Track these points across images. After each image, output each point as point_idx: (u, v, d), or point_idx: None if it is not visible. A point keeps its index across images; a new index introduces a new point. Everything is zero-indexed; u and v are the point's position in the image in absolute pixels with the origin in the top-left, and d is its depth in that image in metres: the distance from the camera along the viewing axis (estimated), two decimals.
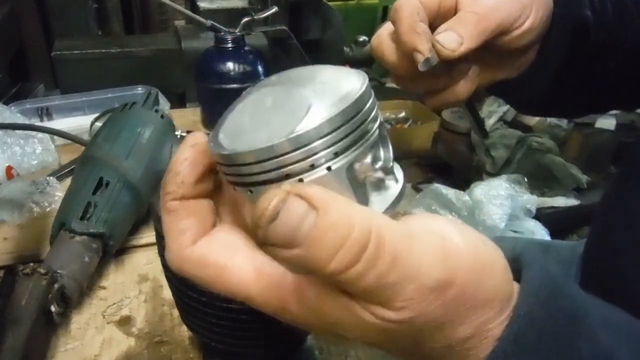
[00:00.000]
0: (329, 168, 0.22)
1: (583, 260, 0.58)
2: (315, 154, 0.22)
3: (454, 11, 0.44)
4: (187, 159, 0.27)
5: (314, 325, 0.25)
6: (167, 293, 0.61)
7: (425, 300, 0.22)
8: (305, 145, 0.22)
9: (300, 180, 0.22)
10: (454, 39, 0.40)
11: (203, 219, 0.27)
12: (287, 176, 0.22)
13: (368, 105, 0.23)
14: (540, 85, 0.52)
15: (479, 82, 0.49)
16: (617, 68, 0.55)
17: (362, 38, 1.33)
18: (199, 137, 0.28)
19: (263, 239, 0.21)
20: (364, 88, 0.23)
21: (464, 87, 0.47)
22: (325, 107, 0.22)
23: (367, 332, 0.23)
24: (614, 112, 1.06)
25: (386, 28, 0.46)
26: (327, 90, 0.24)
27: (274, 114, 0.24)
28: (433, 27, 0.43)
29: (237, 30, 1.01)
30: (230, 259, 0.25)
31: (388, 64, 0.46)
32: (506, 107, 1.19)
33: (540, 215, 0.95)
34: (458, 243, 0.23)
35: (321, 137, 0.22)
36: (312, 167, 0.22)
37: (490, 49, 0.45)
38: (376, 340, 0.24)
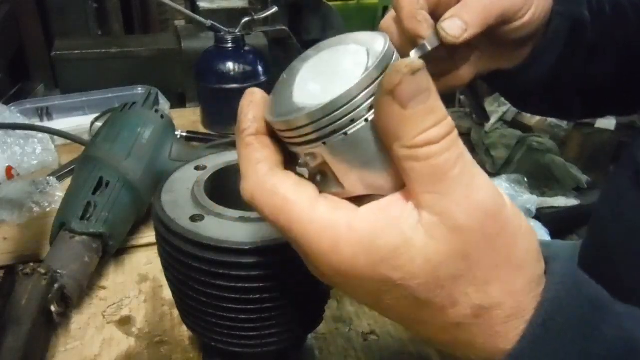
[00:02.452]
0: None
1: (580, 260, 0.58)
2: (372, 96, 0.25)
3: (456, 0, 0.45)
4: (252, 101, 0.30)
5: (360, 267, 0.26)
6: (167, 293, 0.62)
7: (479, 220, 0.24)
8: (367, 87, 0.25)
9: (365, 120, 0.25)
10: (459, 25, 0.42)
11: (275, 152, 0.29)
12: (352, 121, 0.25)
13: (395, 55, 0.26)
14: (536, 79, 0.54)
15: (479, 70, 0.50)
16: (615, 71, 0.56)
17: None
18: (256, 90, 0.31)
19: (396, 83, 0.23)
20: (388, 43, 0.26)
21: (466, 71, 0.49)
22: (370, 59, 0.25)
23: (414, 265, 0.25)
24: None
25: (392, 14, 0.47)
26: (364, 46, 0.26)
27: (331, 72, 0.27)
28: (436, 14, 0.44)
29: (237, 30, 1.01)
30: (297, 195, 0.27)
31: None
32: (506, 107, 1.20)
33: (540, 215, 0.95)
34: (508, 201, 0.26)
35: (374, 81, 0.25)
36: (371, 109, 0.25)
37: (491, 38, 0.47)
38: (417, 285, 0.25)
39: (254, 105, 0.30)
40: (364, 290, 0.28)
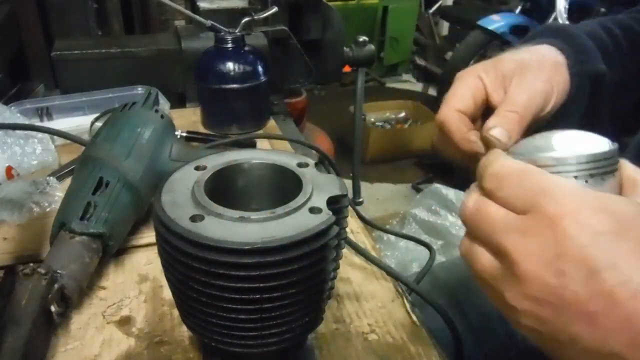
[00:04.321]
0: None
1: None
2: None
3: (485, 103, 0.51)
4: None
5: None
6: (167, 293, 0.62)
7: None
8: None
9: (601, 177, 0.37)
10: (504, 134, 0.48)
11: None
12: (591, 175, 0.37)
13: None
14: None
15: None
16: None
17: (362, 38, 1.32)
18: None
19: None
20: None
21: None
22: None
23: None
24: None
25: (439, 134, 0.53)
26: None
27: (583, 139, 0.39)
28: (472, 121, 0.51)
29: (237, 30, 1.01)
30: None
31: (448, 159, 0.56)
32: None
33: None
34: None
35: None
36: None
37: None
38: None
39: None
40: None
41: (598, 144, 0.38)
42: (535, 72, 0.51)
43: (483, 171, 0.37)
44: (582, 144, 0.38)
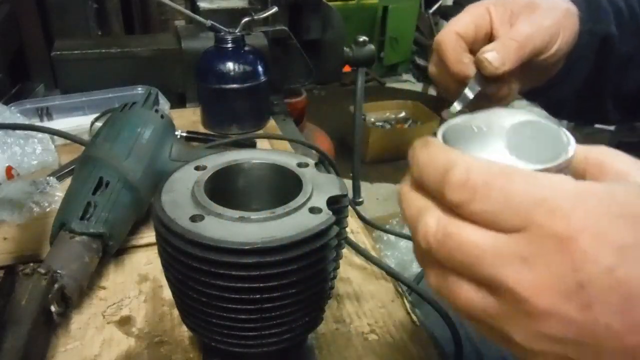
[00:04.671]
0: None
1: None
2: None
3: (489, 37, 0.50)
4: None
5: None
6: (167, 293, 0.61)
7: None
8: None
9: None
10: (498, 59, 0.46)
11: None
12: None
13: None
14: (569, 91, 0.58)
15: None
16: None
17: (362, 38, 1.32)
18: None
19: None
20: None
21: (506, 97, 0.54)
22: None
23: None
24: None
25: (434, 58, 0.52)
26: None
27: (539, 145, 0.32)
28: (472, 53, 0.49)
29: (237, 30, 1.01)
30: None
31: (442, 88, 0.53)
32: None
33: None
34: None
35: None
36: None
37: (523, 67, 0.51)
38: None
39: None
40: None
41: (557, 136, 0.31)
42: (545, 12, 0.50)
43: (442, 179, 0.27)
44: (542, 134, 0.32)
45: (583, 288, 0.24)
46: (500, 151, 0.31)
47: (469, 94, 0.47)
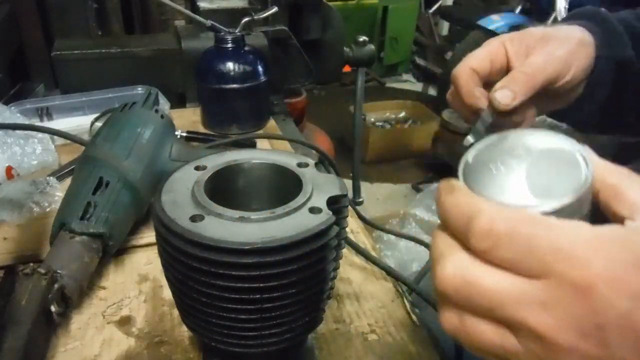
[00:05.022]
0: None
1: None
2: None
3: (506, 68, 0.52)
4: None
5: None
6: (167, 293, 0.62)
7: None
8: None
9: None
10: (508, 95, 0.48)
11: None
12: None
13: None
14: (591, 113, 0.59)
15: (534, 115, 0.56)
16: None
17: (362, 38, 1.32)
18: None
19: None
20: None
21: (525, 125, 0.55)
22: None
23: None
24: None
25: (451, 90, 0.54)
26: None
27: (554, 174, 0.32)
28: (488, 85, 0.51)
29: (237, 30, 1.01)
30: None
31: (459, 114, 0.55)
32: None
33: None
34: None
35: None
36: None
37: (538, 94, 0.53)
38: None
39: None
40: None
41: (574, 162, 0.31)
42: (558, 43, 0.51)
43: (467, 227, 0.29)
44: (565, 170, 0.31)
45: (601, 329, 0.26)
46: (520, 192, 0.31)
47: (481, 127, 0.50)
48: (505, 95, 0.48)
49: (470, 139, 0.50)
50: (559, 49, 0.51)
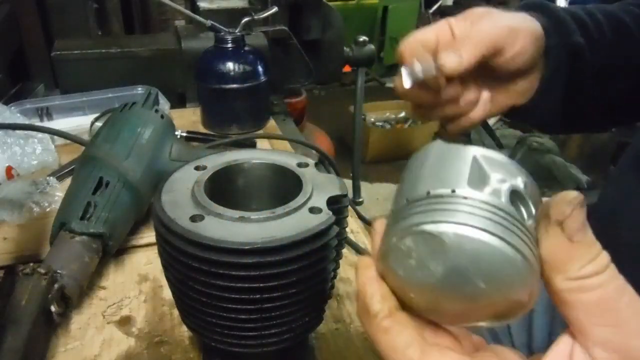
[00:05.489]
0: None
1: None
2: None
3: (452, 45, 0.51)
4: (372, 277, 0.28)
5: None
6: (167, 293, 0.61)
7: None
8: None
9: None
10: (454, 58, 0.48)
11: (418, 326, 0.27)
12: None
13: None
14: (552, 108, 0.59)
15: (491, 109, 0.56)
16: (631, 87, 0.59)
17: (362, 38, 1.32)
18: (368, 261, 0.29)
19: (567, 215, 0.24)
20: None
21: (477, 114, 0.55)
22: None
23: None
24: None
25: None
26: None
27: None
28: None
29: (237, 30, 1.01)
30: None
31: (407, 97, 0.54)
32: None
33: None
34: None
35: None
36: None
37: (492, 74, 0.52)
38: None
39: (375, 281, 0.28)
40: None
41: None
42: (501, 15, 0.52)
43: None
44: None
45: None
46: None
47: (419, 72, 0.48)
48: (452, 57, 0.48)
49: (406, 81, 0.49)
50: (504, 18, 0.51)
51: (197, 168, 0.49)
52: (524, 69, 0.53)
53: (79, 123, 0.99)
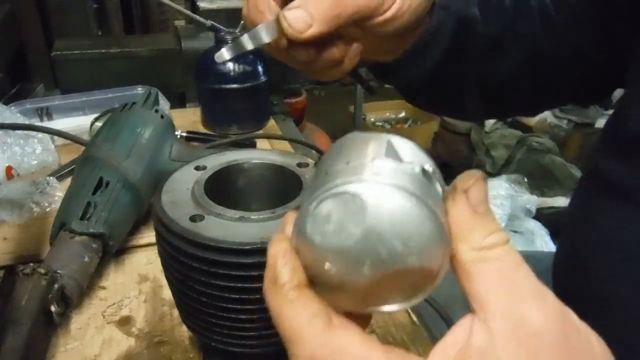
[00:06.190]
0: None
1: (553, 269, 0.58)
2: None
3: None
4: (285, 248, 0.27)
5: None
6: (167, 293, 0.61)
7: (558, 323, 0.23)
8: None
9: None
10: (303, 18, 0.36)
11: (325, 305, 0.26)
12: None
13: None
14: (422, 72, 0.52)
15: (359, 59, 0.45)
16: (517, 67, 0.56)
17: None
18: (283, 237, 0.28)
19: (470, 185, 0.24)
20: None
21: (346, 65, 0.44)
22: None
23: None
24: (608, 111, 1.07)
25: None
26: None
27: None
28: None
29: (237, 30, 1.01)
30: (369, 352, 0.25)
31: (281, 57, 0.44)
32: None
33: (540, 215, 0.95)
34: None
35: None
36: None
37: (362, 30, 0.43)
38: None
39: (288, 253, 0.27)
40: None
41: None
42: None
43: (289, 347, 0.26)
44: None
45: None
46: None
47: (264, 36, 0.39)
48: (299, 17, 0.36)
49: (225, 53, 0.41)
50: None
51: (197, 168, 0.49)
52: (402, 31, 0.44)
53: (79, 123, 0.99)
